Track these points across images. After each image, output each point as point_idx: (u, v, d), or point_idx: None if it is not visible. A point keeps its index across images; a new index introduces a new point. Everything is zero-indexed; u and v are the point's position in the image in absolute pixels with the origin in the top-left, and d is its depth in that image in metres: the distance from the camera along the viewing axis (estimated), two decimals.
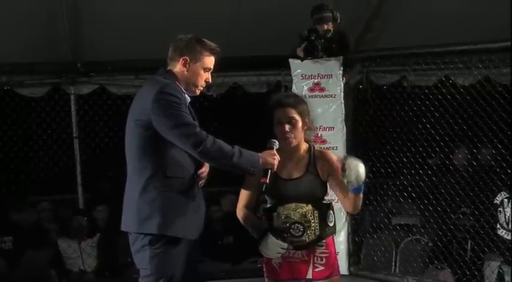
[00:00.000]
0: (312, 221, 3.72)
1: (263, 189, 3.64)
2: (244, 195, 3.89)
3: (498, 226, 5.78)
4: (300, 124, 3.75)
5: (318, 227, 3.73)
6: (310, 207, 3.72)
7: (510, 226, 5.68)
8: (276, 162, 3.62)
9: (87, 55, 7.39)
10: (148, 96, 3.51)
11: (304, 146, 3.83)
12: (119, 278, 6.94)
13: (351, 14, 6.70)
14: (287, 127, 3.73)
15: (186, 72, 3.65)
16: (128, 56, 7.07)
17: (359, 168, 3.58)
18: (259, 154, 3.59)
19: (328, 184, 3.82)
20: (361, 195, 3.72)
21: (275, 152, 3.65)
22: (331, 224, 3.81)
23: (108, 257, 7.08)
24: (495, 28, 6.15)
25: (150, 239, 3.53)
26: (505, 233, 5.73)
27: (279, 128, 3.74)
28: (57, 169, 8.13)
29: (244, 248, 6.71)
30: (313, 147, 3.86)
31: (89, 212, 7.44)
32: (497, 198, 5.79)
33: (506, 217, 5.77)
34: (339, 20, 6.40)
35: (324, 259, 3.77)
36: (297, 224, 3.72)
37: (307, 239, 3.72)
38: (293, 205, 3.73)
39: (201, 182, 3.68)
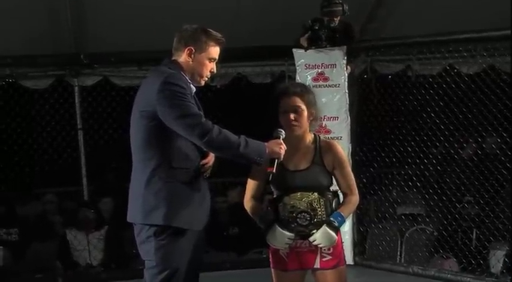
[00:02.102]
0: (319, 209, 3.71)
1: (269, 179, 3.64)
2: (251, 185, 3.88)
3: None
4: (305, 113, 3.74)
5: (324, 215, 3.72)
6: (316, 195, 3.71)
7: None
8: (282, 152, 3.60)
9: (90, 47, 7.39)
10: (153, 86, 3.48)
11: (310, 137, 3.82)
12: (124, 270, 6.94)
13: (354, 4, 6.67)
14: (292, 116, 3.72)
15: (191, 63, 3.62)
16: (132, 47, 7.06)
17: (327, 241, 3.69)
18: (266, 144, 3.57)
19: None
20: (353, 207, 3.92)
21: (281, 141, 3.63)
22: None
23: (115, 249, 7.08)
24: (499, 16, 6.12)
25: (155, 230, 3.51)
26: None
27: (284, 116, 3.73)
28: (62, 161, 8.13)
29: (249, 238, 6.72)
30: (319, 138, 3.85)
31: (94, 204, 7.44)
32: None
33: None
34: (347, 13, 6.39)
35: (331, 249, 3.76)
36: (303, 213, 3.70)
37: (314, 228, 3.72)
38: (298, 194, 3.71)
39: (207, 173, 3.66)
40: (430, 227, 6.75)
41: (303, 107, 3.74)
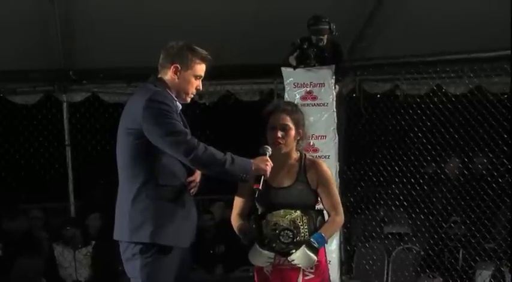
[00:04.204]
0: (301, 227, 3.72)
1: (256, 196, 3.64)
2: (238, 202, 3.90)
3: None
4: (292, 132, 3.77)
5: (307, 234, 3.72)
6: (298, 213, 3.72)
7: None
8: (268, 169, 3.61)
9: (79, 63, 7.38)
10: (139, 104, 3.50)
11: (295, 155, 3.84)
12: None
13: (344, 23, 6.70)
14: (279, 133, 3.74)
15: (177, 80, 3.64)
16: (120, 63, 7.06)
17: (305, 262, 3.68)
18: (252, 160, 3.59)
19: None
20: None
21: (268, 158, 3.65)
22: None
23: (101, 265, 7.04)
24: (487, 37, 6.18)
25: (141, 248, 3.51)
26: None
27: (271, 133, 3.76)
28: (49, 177, 8.09)
29: (236, 256, 6.69)
30: (305, 156, 3.87)
31: (82, 220, 7.40)
32: None
33: None
34: (334, 33, 6.42)
35: (313, 267, 3.76)
36: (286, 231, 3.71)
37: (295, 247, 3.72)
38: (281, 212, 3.73)
39: (193, 190, 3.67)
40: (416, 247, 6.75)
41: (291, 125, 3.77)
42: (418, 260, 6.63)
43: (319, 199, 3.85)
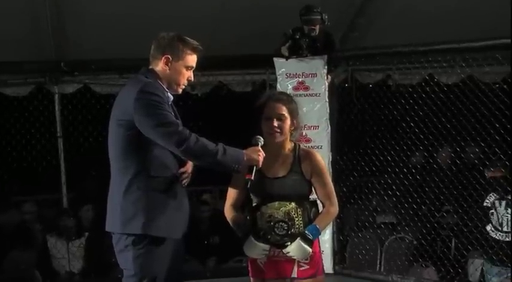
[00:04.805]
0: (296, 219, 3.72)
1: (248, 186, 3.65)
2: (231, 193, 3.90)
3: (491, 228, 5.74)
4: (288, 121, 3.78)
5: (302, 225, 3.73)
6: (293, 205, 3.73)
7: (510, 228, 5.64)
8: (260, 159, 3.61)
9: (71, 54, 7.35)
10: (130, 95, 3.49)
11: (289, 145, 3.84)
12: (104, 278, 6.90)
13: (335, 13, 6.70)
14: (276, 123, 3.74)
15: (168, 71, 3.63)
16: (112, 55, 7.03)
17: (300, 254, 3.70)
18: (244, 151, 3.59)
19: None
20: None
21: (260, 148, 3.65)
22: None
23: (94, 257, 7.03)
24: (478, 27, 6.19)
25: (133, 239, 3.52)
26: (499, 235, 5.69)
27: (267, 123, 3.76)
28: (41, 169, 8.07)
29: (230, 247, 6.71)
30: (299, 146, 3.87)
31: (75, 212, 7.39)
32: (486, 200, 5.77)
33: (500, 219, 5.72)
34: (326, 23, 6.42)
35: (308, 258, 3.77)
36: (281, 223, 3.71)
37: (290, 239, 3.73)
38: (276, 204, 3.73)
39: (185, 181, 3.67)
40: (409, 236, 6.77)
41: (287, 115, 3.78)
42: (410, 249, 6.65)
43: (313, 189, 3.86)
